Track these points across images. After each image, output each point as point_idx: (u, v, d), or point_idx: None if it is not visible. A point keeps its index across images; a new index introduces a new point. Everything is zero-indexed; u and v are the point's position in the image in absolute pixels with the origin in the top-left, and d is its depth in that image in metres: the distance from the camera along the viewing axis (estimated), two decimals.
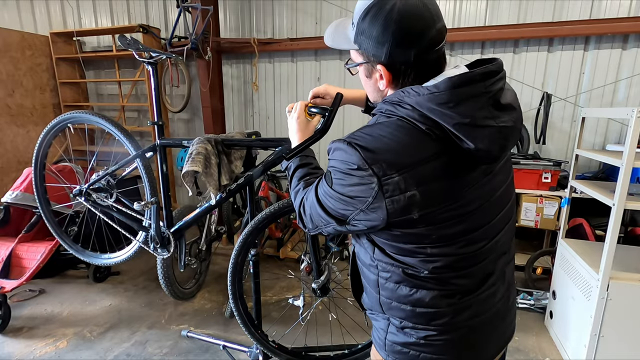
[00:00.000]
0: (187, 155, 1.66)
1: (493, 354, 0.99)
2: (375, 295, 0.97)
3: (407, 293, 0.89)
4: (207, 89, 4.27)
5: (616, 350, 2.05)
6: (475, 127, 0.76)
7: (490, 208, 0.88)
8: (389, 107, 0.83)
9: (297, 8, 4.16)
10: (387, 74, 0.84)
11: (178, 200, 5.08)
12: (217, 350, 2.33)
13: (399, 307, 0.92)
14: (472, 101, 0.76)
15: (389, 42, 0.80)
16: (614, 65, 3.35)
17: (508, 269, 0.99)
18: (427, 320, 0.90)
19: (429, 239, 0.84)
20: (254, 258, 1.88)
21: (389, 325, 0.97)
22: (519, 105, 0.86)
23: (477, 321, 0.93)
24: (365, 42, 0.84)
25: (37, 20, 5.25)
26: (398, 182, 0.77)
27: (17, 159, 4.54)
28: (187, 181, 1.67)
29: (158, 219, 1.94)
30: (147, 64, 1.79)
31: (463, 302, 0.89)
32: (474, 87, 0.76)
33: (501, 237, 0.93)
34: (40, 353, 2.41)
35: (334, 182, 0.84)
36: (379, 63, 0.84)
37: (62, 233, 2.35)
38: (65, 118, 2.03)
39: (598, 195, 2.05)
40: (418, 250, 0.85)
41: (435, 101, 0.76)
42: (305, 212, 0.98)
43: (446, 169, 0.79)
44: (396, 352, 0.97)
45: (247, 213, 1.93)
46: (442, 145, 0.78)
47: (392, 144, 0.78)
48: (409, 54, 0.80)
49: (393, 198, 0.77)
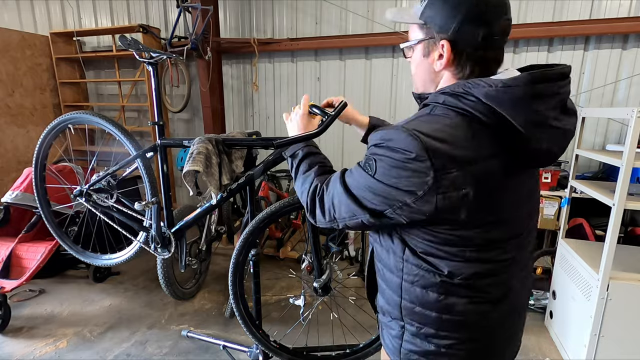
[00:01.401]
0: (188, 155, 1.65)
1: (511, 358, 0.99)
2: (396, 299, 0.91)
3: (436, 299, 0.84)
4: (207, 89, 4.27)
5: (616, 350, 2.05)
6: (544, 127, 0.74)
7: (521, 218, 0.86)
8: (450, 98, 0.78)
9: (297, 8, 4.16)
10: (450, 51, 0.80)
11: (178, 200, 5.08)
12: (217, 350, 2.33)
13: (422, 313, 0.87)
14: (546, 100, 0.74)
15: (460, 15, 0.77)
16: (614, 65, 3.35)
17: (528, 280, 0.97)
18: (453, 328, 0.86)
19: (471, 243, 0.80)
20: (254, 258, 1.88)
21: (403, 332, 0.92)
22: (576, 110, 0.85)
23: (500, 331, 0.91)
24: (433, 14, 0.80)
25: (37, 20, 5.25)
26: (455, 178, 0.72)
27: (17, 159, 4.54)
28: (187, 181, 1.67)
29: (159, 219, 1.94)
30: (147, 64, 1.79)
31: (492, 312, 0.86)
32: (549, 86, 0.74)
33: (527, 249, 0.92)
34: (40, 353, 2.41)
35: (379, 171, 0.78)
36: (444, 39, 0.80)
37: (62, 234, 2.35)
38: (65, 119, 2.03)
39: (598, 195, 2.05)
40: (457, 254, 0.81)
41: (510, 94, 0.71)
42: (323, 203, 0.91)
43: (501, 169, 0.76)
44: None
45: (247, 213, 1.93)
46: (501, 145, 0.75)
47: (455, 136, 0.73)
48: (478, 33, 0.77)
49: (446, 194, 0.73)
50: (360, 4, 3.92)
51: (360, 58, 4.09)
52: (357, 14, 3.93)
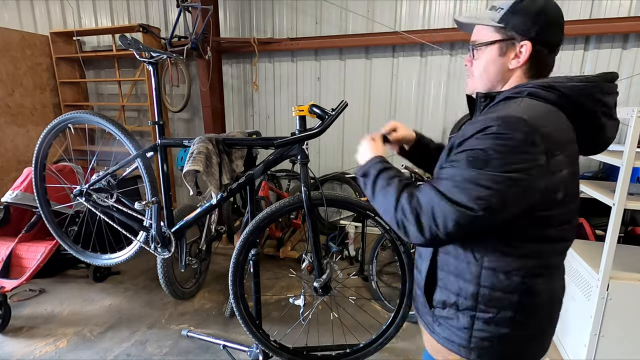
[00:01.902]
0: (188, 154, 1.66)
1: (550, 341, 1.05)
2: (471, 289, 0.93)
3: (519, 282, 0.89)
4: (207, 89, 4.27)
5: (616, 350, 2.05)
6: (610, 118, 0.90)
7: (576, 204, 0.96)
8: (535, 90, 0.87)
9: (297, 8, 4.16)
10: (530, 50, 0.91)
11: (178, 200, 5.09)
12: (217, 350, 2.33)
13: (502, 298, 0.90)
14: (612, 96, 0.90)
15: (542, 22, 0.90)
16: (614, 65, 3.35)
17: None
18: (529, 310, 0.92)
19: (555, 221, 0.88)
20: (254, 257, 1.88)
21: (474, 322, 0.94)
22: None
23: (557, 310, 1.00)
24: (517, 20, 0.91)
25: (37, 20, 5.25)
26: (561, 161, 0.82)
27: (17, 159, 4.54)
28: (188, 180, 1.67)
29: (159, 218, 1.94)
30: (147, 63, 1.79)
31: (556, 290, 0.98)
32: (613, 86, 0.90)
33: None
34: (40, 353, 2.41)
35: (492, 163, 0.78)
36: (526, 39, 0.91)
37: (62, 234, 2.35)
38: (65, 118, 2.03)
39: (598, 195, 2.05)
40: (542, 235, 0.88)
41: (591, 89, 0.86)
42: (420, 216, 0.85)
43: (577, 154, 0.91)
44: (484, 348, 0.95)
45: (247, 213, 1.93)
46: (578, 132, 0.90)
47: (553, 122, 0.84)
48: (555, 38, 0.93)
49: (552, 176, 0.82)
50: (360, 4, 3.92)
51: (360, 58, 4.09)
52: (357, 13, 3.93)
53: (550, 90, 0.86)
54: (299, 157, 1.65)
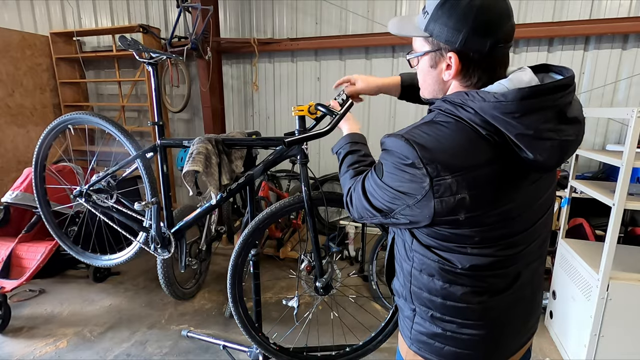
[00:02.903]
0: (188, 155, 1.66)
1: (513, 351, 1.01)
2: (407, 285, 0.98)
3: (441, 286, 0.91)
4: (207, 89, 4.27)
5: (616, 350, 2.05)
6: (537, 140, 0.76)
7: (532, 214, 0.89)
8: (449, 107, 0.82)
9: (297, 8, 4.16)
10: (458, 62, 0.82)
11: (178, 200, 5.09)
12: (217, 350, 2.33)
13: (429, 298, 0.93)
14: (538, 114, 0.75)
15: (467, 28, 0.78)
16: (614, 65, 3.35)
17: (538, 272, 1.00)
18: (455, 314, 0.91)
19: (471, 240, 0.84)
20: (254, 258, 1.88)
21: (415, 315, 0.99)
22: (584, 117, 0.86)
23: (503, 320, 0.94)
24: (439, 29, 0.82)
25: (37, 20, 5.25)
26: (450, 185, 0.77)
27: (17, 159, 4.54)
28: (187, 181, 1.67)
29: (159, 219, 1.94)
30: (147, 64, 1.79)
31: (492, 301, 0.91)
32: (542, 100, 0.75)
33: (539, 241, 0.93)
34: (40, 353, 2.41)
35: (385, 174, 0.85)
36: (452, 50, 0.82)
37: (62, 234, 2.35)
38: (65, 119, 2.03)
39: (598, 195, 2.05)
40: (458, 249, 0.86)
41: (501, 110, 0.75)
42: (352, 202, 1.00)
43: (498, 175, 0.79)
44: (421, 342, 0.98)
45: (247, 213, 1.93)
46: (498, 152, 0.78)
47: (450, 145, 0.78)
48: (485, 43, 0.79)
49: (442, 199, 0.78)
50: (360, 4, 3.92)
51: (360, 58, 4.09)
52: (357, 14, 3.93)
53: (461, 107, 0.80)
54: (299, 157, 1.65)
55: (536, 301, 1.03)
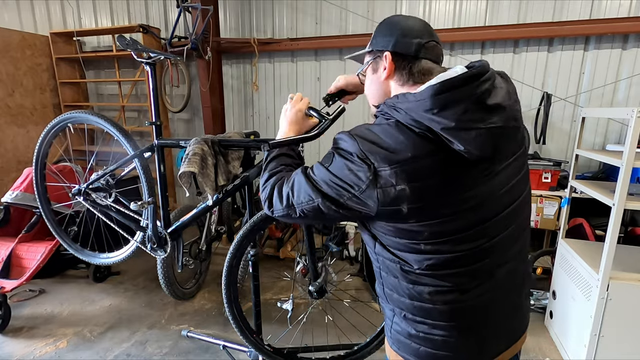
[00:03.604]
0: (184, 156, 1.66)
1: (496, 353, 0.98)
2: (381, 286, 1.02)
3: (406, 286, 0.92)
4: (207, 89, 4.27)
5: (616, 350, 2.04)
6: (460, 130, 0.79)
7: (489, 207, 0.87)
8: (387, 110, 0.89)
9: (297, 8, 4.16)
10: (391, 61, 0.95)
11: (178, 201, 5.08)
12: (217, 350, 2.33)
13: (399, 299, 0.96)
14: (454, 106, 0.79)
15: (396, 32, 0.94)
16: (614, 65, 3.35)
17: (518, 273, 0.98)
18: (425, 315, 0.92)
19: (421, 236, 0.86)
20: (254, 259, 1.88)
21: (394, 315, 1.00)
22: (514, 101, 0.88)
23: (478, 321, 0.93)
24: (377, 39, 0.99)
25: (37, 20, 5.25)
26: (389, 175, 0.81)
27: (17, 159, 4.54)
28: (184, 182, 1.67)
29: (155, 219, 1.94)
30: (145, 64, 1.79)
31: (462, 301, 0.89)
32: (455, 93, 0.80)
33: (507, 235, 0.91)
34: (40, 353, 2.41)
35: (333, 164, 0.89)
36: (386, 51, 0.95)
37: (61, 232, 2.35)
38: (65, 118, 2.03)
39: (598, 195, 2.05)
40: (412, 246, 0.88)
41: (422, 108, 0.81)
42: (281, 191, 1.00)
43: (440, 167, 0.82)
44: (400, 342, 0.99)
45: (247, 213, 1.93)
46: (435, 146, 0.81)
47: (388, 140, 0.83)
48: (411, 44, 0.93)
49: (384, 189, 0.82)
50: (360, 4, 3.92)
51: None
52: (357, 14, 3.93)
53: (394, 109, 0.86)
54: None
55: (519, 305, 1.00)
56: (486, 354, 0.97)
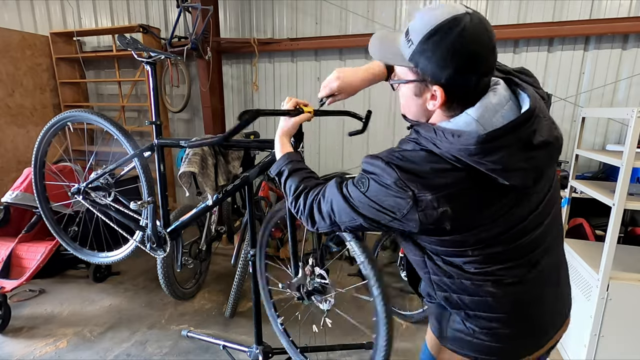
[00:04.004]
0: (184, 156, 1.66)
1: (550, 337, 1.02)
2: (433, 289, 0.99)
3: (463, 284, 0.92)
4: (207, 89, 4.27)
5: (616, 350, 2.04)
6: (507, 172, 0.79)
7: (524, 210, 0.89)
8: (424, 142, 0.85)
9: (297, 8, 4.16)
10: (443, 96, 0.83)
11: (178, 201, 5.08)
12: (217, 350, 2.33)
13: (457, 298, 0.95)
14: (502, 151, 0.78)
15: (452, 66, 0.79)
16: (614, 65, 3.35)
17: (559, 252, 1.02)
18: (487, 309, 0.93)
19: (467, 243, 0.87)
20: (254, 258, 1.89)
21: (450, 314, 1.00)
22: (558, 134, 0.87)
23: (536, 307, 0.96)
24: (425, 62, 0.81)
25: (37, 20, 5.26)
26: (431, 200, 0.80)
27: (17, 159, 4.54)
28: (184, 182, 1.68)
29: (155, 218, 1.94)
30: (145, 63, 1.79)
31: (521, 292, 0.92)
32: (503, 141, 0.78)
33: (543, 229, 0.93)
34: (40, 353, 2.41)
35: (370, 190, 0.87)
36: (437, 84, 0.82)
37: (60, 231, 2.35)
38: (64, 117, 2.03)
39: (598, 195, 2.05)
40: (460, 252, 0.89)
41: (465, 152, 0.78)
42: (321, 209, 0.99)
43: (480, 190, 0.82)
44: (460, 340, 0.99)
45: (247, 213, 1.93)
46: (477, 174, 0.81)
47: (426, 167, 0.82)
48: (471, 79, 0.81)
49: (426, 212, 0.81)
50: (360, 4, 3.92)
51: (360, 58, 4.09)
52: (357, 14, 3.93)
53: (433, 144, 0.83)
54: None
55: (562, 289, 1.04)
56: (543, 340, 1.00)
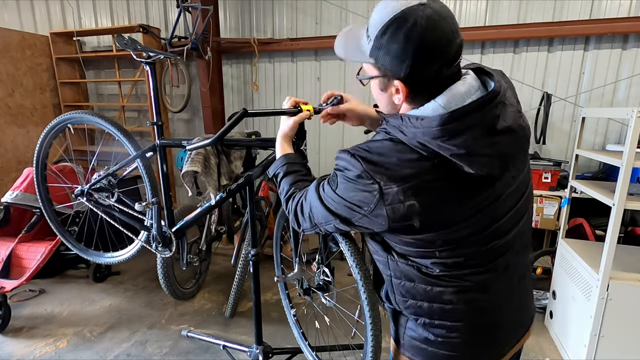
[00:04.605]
0: (187, 155, 1.66)
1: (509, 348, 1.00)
2: (393, 292, 0.99)
3: (424, 289, 0.91)
4: (207, 89, 4.27)
5: (616, 350, 2.05)
6: (472, 157, 0.77)
7: (498, 209, 0.87)
8: (391, 130, 0.84)
9: (297, 8, 4.16)
10: (405, 89, 0.82)
11: (178, 200, 5.08)
12: (217, 350, 2.33)
13: (416, 304, 0.93)
14: (465, 134, 0.76)
15: (409, 59, 0.76)
16: (614, 65, 3.35)
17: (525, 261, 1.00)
18: (445, 317, 0.91)
19: (435, 244, 0.86)
20: (254, 259, 1.89)
21: (407, 321, 0.99)
22: (524, 123, 0.86)
23: (495, 316, 0.94)
24: (383, 57, 0.80)
25: (37, 20, 5.25)
26: (397, 193, 0.79)
27: (17, 159, 4.54)
28: (186, 181, 1.68)
29: (159, 218, 1.94)
30: (145, 63, 1.79)
31: (482, 299, 0.91)
32: (466, 121, 0.76)
33: (516, 233, 0.92)
34: (40, 353, 2.41)
35: (339, 186, 0.87)
36: (397, 78, 0.81)
37: (65, 232, 2.35)
38: (65, 118, 2.03)
39: (598, 195, 2.05)
40: (427, 253, 0.87)
41: (429, 135, 0.77)
42: (303, 211, 1.00)
43: (447, 181, 0.80)
44: (415, 348, 0.98)
45: (248, 213, 1.93)
46: (443, 163, 0.79)
47: (392, 158, 0.81)
48: (429, 70, 0.78)
49: (393, 206, 0.80)
50: (360, 4, 3.92)
51: None
52: (357, 14, 3.93)
53: (400, 131, 0.82)
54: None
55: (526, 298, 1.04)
56: (501, 350, 0.99)
